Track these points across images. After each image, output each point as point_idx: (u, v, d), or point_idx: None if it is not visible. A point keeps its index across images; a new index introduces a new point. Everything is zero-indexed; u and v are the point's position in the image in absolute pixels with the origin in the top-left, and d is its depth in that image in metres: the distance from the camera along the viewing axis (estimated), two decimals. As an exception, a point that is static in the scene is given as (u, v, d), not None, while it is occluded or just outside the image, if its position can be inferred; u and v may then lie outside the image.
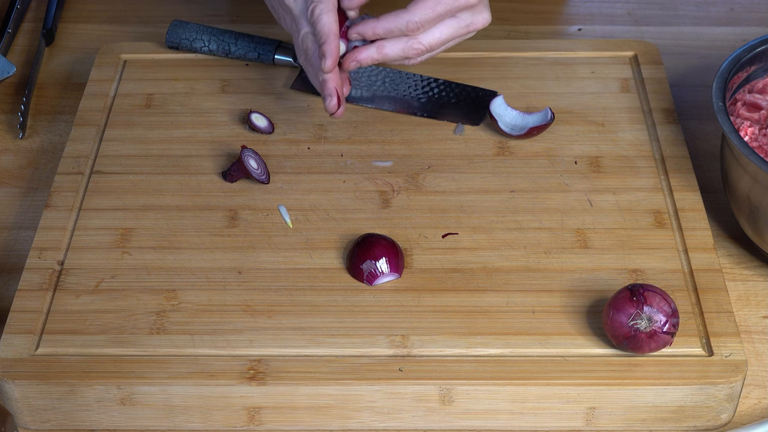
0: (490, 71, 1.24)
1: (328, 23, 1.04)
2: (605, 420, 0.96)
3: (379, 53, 1.07)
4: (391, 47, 1.06)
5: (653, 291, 0.93)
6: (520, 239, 1.05)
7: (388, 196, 1.10)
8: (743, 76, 1.11)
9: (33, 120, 1.26)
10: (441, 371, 0.94)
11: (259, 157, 1.11)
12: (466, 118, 1.18)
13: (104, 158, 1.14)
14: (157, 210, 1.09)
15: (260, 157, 1.11)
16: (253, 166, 1.09)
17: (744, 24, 1.39)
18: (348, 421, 0.96)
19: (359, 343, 0.96)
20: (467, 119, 1.18)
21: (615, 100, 1.20)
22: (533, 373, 0.94)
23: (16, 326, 0.98)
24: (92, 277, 1.02)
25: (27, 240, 1.10)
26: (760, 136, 1.08)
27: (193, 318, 0.99)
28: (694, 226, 1.06)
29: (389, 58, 1.07)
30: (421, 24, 1.05)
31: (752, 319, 1.05)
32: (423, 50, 1.07)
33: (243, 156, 1.09)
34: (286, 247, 1.05)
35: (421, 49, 1.07)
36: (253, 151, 1.11)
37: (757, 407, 0.99)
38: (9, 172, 1.20)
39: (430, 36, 1.06)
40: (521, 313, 0.99)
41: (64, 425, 0.97)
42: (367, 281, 1.01)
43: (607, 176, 1.12)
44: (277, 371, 0.95)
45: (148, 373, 0.94)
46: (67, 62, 1.33)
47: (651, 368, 0.94)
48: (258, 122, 1.16)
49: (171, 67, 1.25)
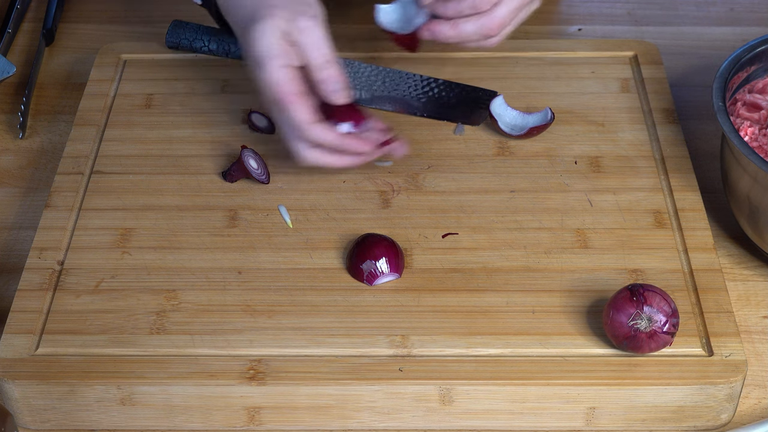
0: (490, 71, 1.24)
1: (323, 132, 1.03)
2: (605, 420, 0.96)
3: (454, 29, 1.09)
4: (466, 24, 1.08)
5: (653, 291, 0.93)
6: (520, 239, 1.05)
7: (388, 196, 1.10)
8: (743, 76, 1.11)
9: (33, 120, 1.26)
10: (441, 371, 0.94)
11: (259, 157, 1.11)
12: (466, 118, 1.18)
13: (104, 158, 1.14)
14: (157, 210, 1.09)
15: (260, 157, 1.11)
16: (253, 166, 1.09)
17: (744, 24, 1.39)
18: (348, 421, 0.96)
19: (359, 343, 0.96)
20: (467, 119, 1.18)
21: (615, 100, 1.20)
22: (533, 373, 0.94)
23: (16, 326, 0.98)
24: (92, 277, 1.02)
25: (27, 240, 1.10)
26: (760, 136, 1.08)
27: (193, 318, 0.99)
28: (694, 226, 1.06)
29: (465, 36, 1.09)
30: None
31: (752, 319, 1.05)
32: (498, 24, 1.08)
33: (243, 156, 1.09)
34: (286, 247, 1.05)
35: (496, 23, 1.08)
36: (253, 151, 1.11)
37: (757, 407, 0.99)
38: (9, 172, 1.20)
39: (503, 8, 1.08)
40: (521, 313, 0.99)
41: (64, 425, 0.97)
42: (367, 281, 1.01)
43: (607, 176, 1.12)
44: (277, 371, 0.95)
45: (148, 373, 0.94)
46: (67, 62, 1.34)
47: (651, 368, 0.94)
48: (258, 122, 1.16)
49: (171, 67, 1.25)
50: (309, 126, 1.03)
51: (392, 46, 1.19)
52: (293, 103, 1.02)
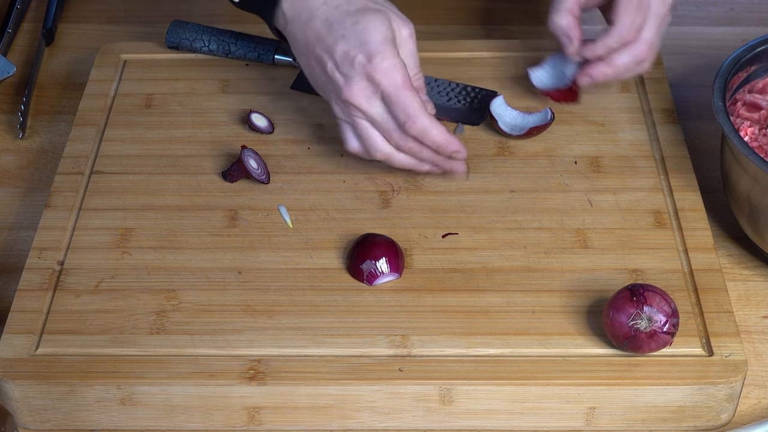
0: (490, 71, 1.24)
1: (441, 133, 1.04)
2: (605, 420, 0.96)
3: (610, 67, 1.12)
4: (620, 57, 1.12)
5: (653, 291, 0.93)
6: (520, 239, 1.05)
7: (388, 196, 1.10)
8: (743, 76, 1.11)
9: (33, 120, 1.26)
10: (441, 371, 0.94)
11: (259, 157, 1.11)
12: (466, 118, 1.18)
13: (104, 158, 1.14)
14: (157, 210, 1.09)
15: (260, 157, 1.11)
16: (253, 166, 1.09)
17: (744, 24, 1.39)
18: (348, 421, 0.96)
19: (359, 343, 0.96)
20: (467, 119, 1.18)
21: (615, 100, 1.20)
22: (533, 373, 0.94)
23: (16, 326, 0.98)
24: (92, 277, 1.02)
25: (27, 240, 1.10)
26: (760, 136, 1.08)
27: (193, 318, 0.99)
28: (694, 226, 1.06)
29: (622, 68, 1.12)
30: (633, 26, 1.09)
31: (752, 319, 1.05)
32: (648, 47, 1.11)
33: (243, 156, 1.09)
34: (286, 247, 1.05)
35: (646, 48, 1.11)
36: (253, 151, 1.11)
37: (757, 407, 0.99)
38: (9, 172, 1.20)
39: (648, 31, 1.11)
40: (521, 313, 0.99)
41: (64, 425, 0.97)
42: (367, 281, 1.01)
43: (607, 176, 1.11)
44: (277, 371, 0.95)
45: (148, 373, 0.94)
46: (67, 62, 1.34)
47: (651, 368, 0.94)
48: (258, 122, 1.16)
49: (171, 67, 1.25)
50: (420, 117, 1.02)
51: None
52: (410, 90, 1.02)
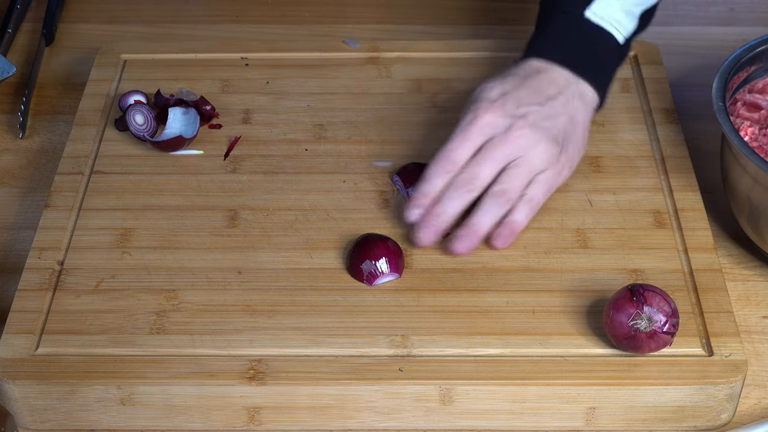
0: (490, 71, 1.24)
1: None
2: (605, 420, 0.96)
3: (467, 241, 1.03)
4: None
5: (653, 291, 0.93)
6: (520, 239, 1.05)
7: (388, 196, 1.10)
8: (743, 76, 1.11)
9: (33, 120, 1.26)
10: (441, 371, 0.94)
11: (152, 114, 1.13)
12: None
13: (104, 158, 1.14)
14: (157, 210, 1.09)
15: (154, 115, 1.14)
16: (138, 121, 1.11)
17: (744, 24, 1.39)
18: (348, 421, 0.96)
19: (359, 343, 0.96)
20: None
21: (615, 100, 1.20)
22: (533, 373, 0.94)
23: (16, 326, 0.98)
24: (92, 277, 1.02)
25: (27, 240, 1.10)
26: (760, 136, 1.08)
27: (193, 318, 0.99)
28: (694, 226, 1.06)
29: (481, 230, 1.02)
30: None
31: (752, 319, 1.05)
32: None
33: (129, 111, 1.13)
34: (286, 247, 1.05)
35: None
36: (149, 108, 1.14)
37: (757, 407, 0.99)
38: (9, 172, 1.20)
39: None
40: (521, 313, 0.99)
41: (64, 425, 0.97)
42: (367, 281, 1.01)
43: (607, 176, 1.11)
44: (277, 371, 0.94)
45: (148, 373, 0.94)
46: (67, 62, 1.33)
47: (651, 368, 0.94)
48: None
49: (171, 67, 1.25)
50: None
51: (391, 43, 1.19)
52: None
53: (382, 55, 1.25)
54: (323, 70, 1.24)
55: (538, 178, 1.03)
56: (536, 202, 1.03)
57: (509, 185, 1.02)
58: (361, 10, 1.40)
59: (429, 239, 1.02)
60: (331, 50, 1.26)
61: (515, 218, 1.03)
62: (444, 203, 1.01)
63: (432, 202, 1.02)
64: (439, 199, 1.02)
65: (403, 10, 1.40)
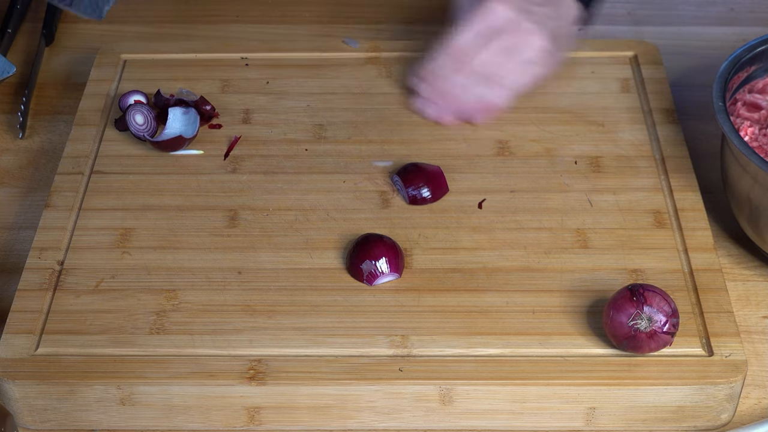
0: (490, 71, 1.24)
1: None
2: (605, 420, 0.96)
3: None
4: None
5: (653, 291, 0.93)
6: (520, 239, 1.05)
7: (388, 196, 1.10)
8: (743, 76, 1.11)
9: (33, 120, 1.26)
10: (441, 371, 0.94)
11: (152, 114, 1.13)
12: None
13: (104, 158, 1.14)
14: (157, 210, 1.09)
15: (153, 113, 1.14)
16: (138, 122, 1.11)
17: (744, 24, 1.39)
18: (348, 421, 0.96)
19: (359, 343, 0.96)
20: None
21: (615, 100, 1.20)
22: (533, 373, 0.94)
23: (16, 326, 0.98)
24: (92, 277, 1.02)
25: (27, 240, 1.10)
26: (760, 136, 1.08)
27: (193, 318, 0.99)
28: (694, 226, 1.06)
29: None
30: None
31: (752, 319, 1.05)
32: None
33: (129, 111, 1.13)
34: (286, 247, 1.05)
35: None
36: (149, 108, 1.14)
37: (757, 407, 0.99)
38: (9, 172, 1.20)
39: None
40: (521, 313, 0.99)
41: (64, 425, 0.97)
42: (367, 281, 1.01)
43: (607, 176, 1.12)
44: (277, 371, 0.95)
45: (148, 373, 0.94)
46: (67, 62, 1.33)
47: (651, 368, 0.94)
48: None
49: (171, 67, 1.25)
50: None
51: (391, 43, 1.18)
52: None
53: (382, 55, 1.25)
54: (323, 70, 1.24)
55: (527, 69, 1.15)
56: (519, 90, 1.17)
57: (500, 70, 1.14)
58: (361, 10, 1.40)
59: (435, 113, 1.16)
60: (331, 50, 1.26)
61: (494, 99, 1.16)
62: (449, 84, 1.15)
63: (438, 80, 1.16)
64: (445, 79, 1.15)
65: (403, 10, 1.40)
